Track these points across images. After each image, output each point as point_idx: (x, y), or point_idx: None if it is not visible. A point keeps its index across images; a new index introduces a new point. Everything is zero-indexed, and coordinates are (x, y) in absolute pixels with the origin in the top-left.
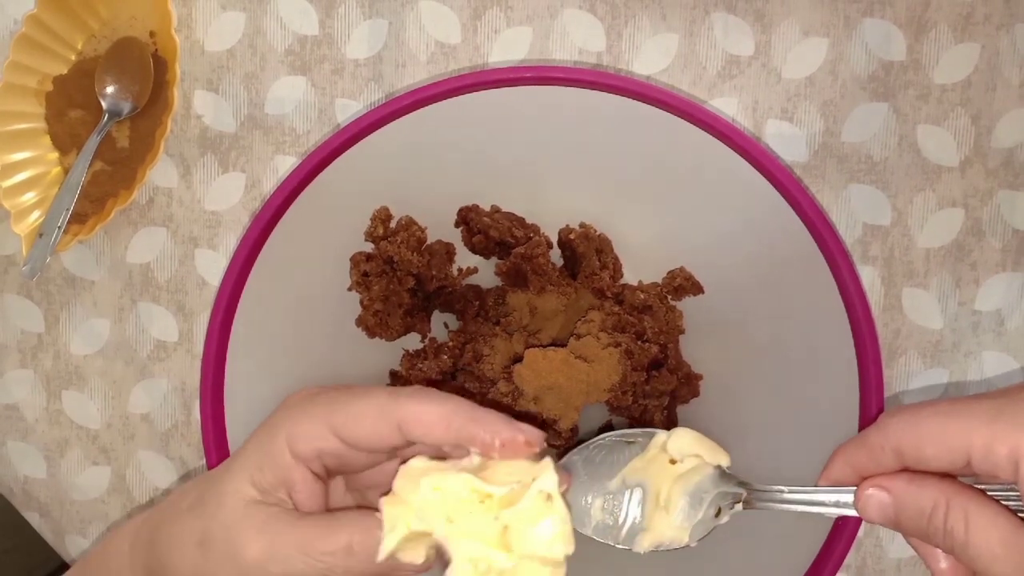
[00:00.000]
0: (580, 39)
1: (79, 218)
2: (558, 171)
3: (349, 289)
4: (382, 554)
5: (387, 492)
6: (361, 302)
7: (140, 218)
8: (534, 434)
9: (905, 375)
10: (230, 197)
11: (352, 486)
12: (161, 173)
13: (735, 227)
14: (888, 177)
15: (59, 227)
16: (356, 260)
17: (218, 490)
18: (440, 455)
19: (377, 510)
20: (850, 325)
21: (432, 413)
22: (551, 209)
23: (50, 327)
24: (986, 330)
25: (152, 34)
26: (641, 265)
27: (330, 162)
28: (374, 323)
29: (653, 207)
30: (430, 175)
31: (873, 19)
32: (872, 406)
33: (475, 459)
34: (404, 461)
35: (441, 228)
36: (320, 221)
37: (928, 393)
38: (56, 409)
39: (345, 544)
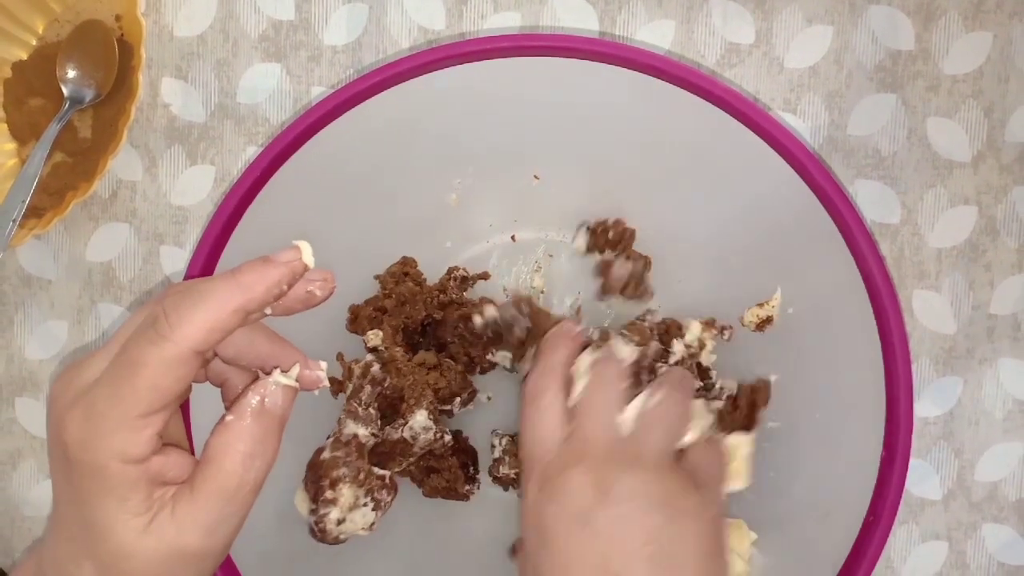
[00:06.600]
0: (572, 25)
1: (36, 212)
2: (554, 155)
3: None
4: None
5: None
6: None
7: (102, 213)
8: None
9: (917, 383)
10: (198, 191)
11: None
12: (125, 165)
13: (749, 216)
14: (897, 172)
15: (14, 220)
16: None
17: (103, 548)
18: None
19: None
20: (875, 320)
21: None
22: (546, 195)
23: (3, 329)
24: (1002, 335)
25: (118, 18)
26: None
27: (299, 146)
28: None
29: (659, 193)
30: (410, 160)
31: (880, 6)
32: (900, 401)
33: None
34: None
35: (418, 216)
36: (291, 210)
37: (942, 403)
38: (8, 418)
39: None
